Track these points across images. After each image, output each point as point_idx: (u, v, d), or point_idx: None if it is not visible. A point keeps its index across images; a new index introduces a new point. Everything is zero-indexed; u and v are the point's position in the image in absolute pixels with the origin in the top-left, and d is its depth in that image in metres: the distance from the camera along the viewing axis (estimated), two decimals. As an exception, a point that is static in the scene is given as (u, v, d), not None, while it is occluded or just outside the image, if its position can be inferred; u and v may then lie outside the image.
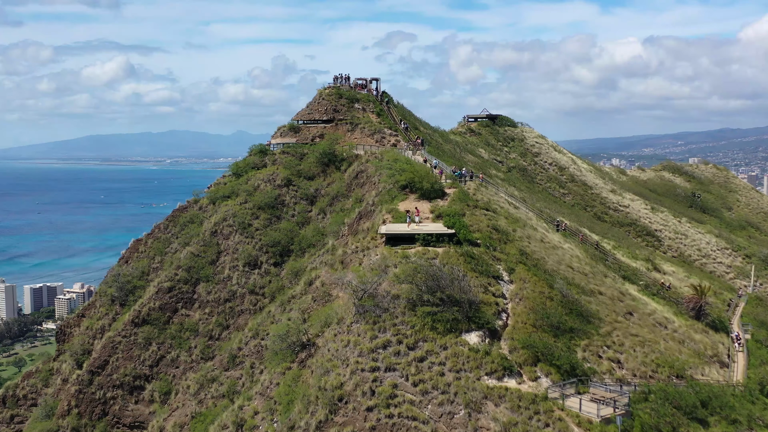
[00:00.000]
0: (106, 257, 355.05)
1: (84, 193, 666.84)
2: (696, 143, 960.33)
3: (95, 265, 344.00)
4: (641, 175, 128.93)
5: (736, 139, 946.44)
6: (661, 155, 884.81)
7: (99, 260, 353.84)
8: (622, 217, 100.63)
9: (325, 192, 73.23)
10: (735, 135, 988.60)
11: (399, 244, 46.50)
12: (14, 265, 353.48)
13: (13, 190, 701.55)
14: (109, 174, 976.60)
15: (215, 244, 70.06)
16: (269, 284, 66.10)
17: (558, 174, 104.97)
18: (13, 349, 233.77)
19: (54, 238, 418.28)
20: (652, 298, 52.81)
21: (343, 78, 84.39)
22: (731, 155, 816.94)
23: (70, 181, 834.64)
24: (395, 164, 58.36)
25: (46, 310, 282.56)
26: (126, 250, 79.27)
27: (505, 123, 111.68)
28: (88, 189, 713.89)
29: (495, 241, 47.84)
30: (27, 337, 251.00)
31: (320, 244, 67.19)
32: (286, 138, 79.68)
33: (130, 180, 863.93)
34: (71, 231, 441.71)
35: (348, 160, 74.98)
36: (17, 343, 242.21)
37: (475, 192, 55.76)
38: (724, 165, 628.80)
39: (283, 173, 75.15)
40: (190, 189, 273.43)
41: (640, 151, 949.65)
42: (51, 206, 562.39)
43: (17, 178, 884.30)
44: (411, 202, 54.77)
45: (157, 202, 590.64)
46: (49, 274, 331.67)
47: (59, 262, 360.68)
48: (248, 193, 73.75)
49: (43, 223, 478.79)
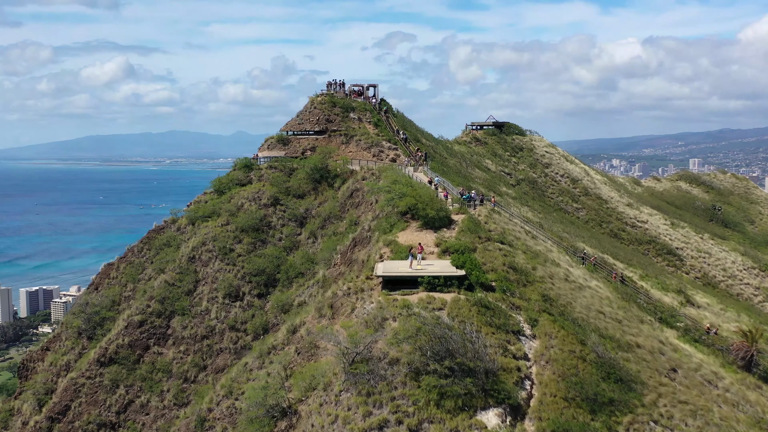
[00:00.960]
0: (107, 259, 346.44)
1: (83, 194, 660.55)
2: (696, 144, 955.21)
3: (95, 268, 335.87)
4: (657, 186, 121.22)
5: (736, 139, 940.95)
6: (662, 156, 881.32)
7: (100, 262, 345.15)
8: (641, 233, 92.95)
9: (316, 212, 65.60)
10: (735, 135, 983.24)
11: (399, 288, 38.92)
12: (13, 267, 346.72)
13: (11, 191, 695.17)
14: (109, 174, 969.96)
15: (192, 271, 62.48)
16: (252, 319, 58.50)
17: (570, 187, 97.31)
18: (8, 354, 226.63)
19: (53, 240, 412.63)
20: (695, 345, 45.19)
21: (337, 84, 76.69)
22: (732, 156, 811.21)
23: (70, 181, 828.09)
24: (394, 186, 50.75)
25: (42, 314, 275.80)
26: (96, 275, 71.72)
27: (512, 131, 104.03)
28: (88, 190, 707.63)
29: (513, 284, 40.21)
30: (22, 342, 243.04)
31: (310, 272, 59.61)
32: (273, 151, 71.99)
33: (130, 180, 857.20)
34: (71, 232, 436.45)
35: (342, 177, 67.37)
36: (12, 348, 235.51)
37: (486, 219, 48.13)
38: (724, 166, 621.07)
39: (270, 191, 67.52)
40: (190, 189, 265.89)
41: (640, 151, 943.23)
42: (50, 207, 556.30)
43: (16, 178, 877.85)
44: (412, 232, 47.17)
45: (157, 203, 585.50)
46: (49, 276, 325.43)
47: (59, 264, 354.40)
48: (231, 213, 66.13)
49: (43, 224, 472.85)
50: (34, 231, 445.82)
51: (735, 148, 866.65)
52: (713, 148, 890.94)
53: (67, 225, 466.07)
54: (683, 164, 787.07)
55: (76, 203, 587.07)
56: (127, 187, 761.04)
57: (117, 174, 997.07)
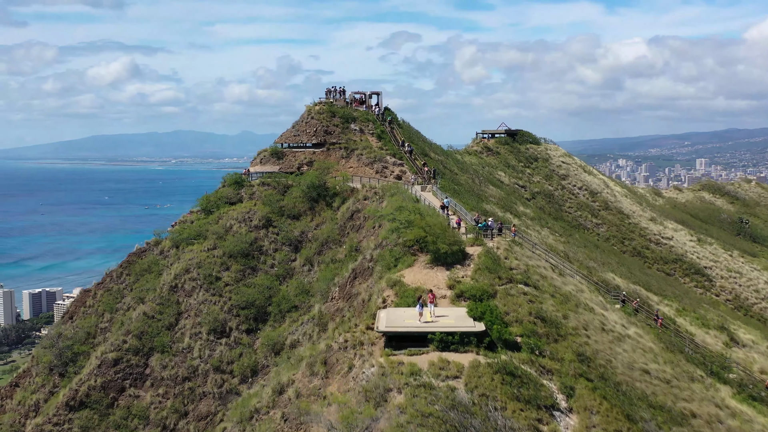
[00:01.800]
0: (113, 260, 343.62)
1: (88, 194, 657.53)
2: (703, 144, 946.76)
3: (100, 269, 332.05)
4: (679, 197, 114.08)
5: (743, 139, 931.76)
6: (668, 156, 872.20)
7: (105, 263, 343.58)
8: (666, 251, 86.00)
9: (312, 236, 58.95)
10: (742, 135, 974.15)
11: (405, 346, 32.31)
12: (19, 268, 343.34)
13: (17, 190, 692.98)
14: (114, 174, 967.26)
15: (174, 302, 55.95)
16: (239, 359, 51.93)
17: (589, 200, 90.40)
18: (10, 357, 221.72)
19: (58, 240, 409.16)
20: (753, 405, 38.40)
21: (337, 91, 69.93)
22: (738, 156, 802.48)
23: (75, 181, 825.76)
24: (400, 214, 44.11)
25: (45, 316, 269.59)
26: (72, 302, 65.30)
27: (526, 140, 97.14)
28: (93, 190, 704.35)
29: (542, 341, 33.52)
30: (25, 344, 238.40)
31: (305, 306, 53.03)
32: (267, 165, 65.36)
33: (135, 180, 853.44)
34: (76, 233, 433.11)
35: (342, 196, 60.73)
36: (15, 351, 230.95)
37: (507, 254, 41.40)
38: (731, 166, 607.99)
39: (262, 211, 60.93)
40: (195, 189, 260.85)
41: (646, 151, 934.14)
42: (56, 207, 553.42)
43: (22, 178, 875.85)
44: (421, 269, 40.51)
45: (162, 204, 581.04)
46: (55, 277, 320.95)
47: (65, 265, 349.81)
48: (218, 236, 59.57)
49: (48, 224, 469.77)
50: (40, 231, 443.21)
51: (742, 148, 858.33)
52: (720, 148, 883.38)
53: (72, 225, 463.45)
54: (690, 164, 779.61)
55: (81, 203, 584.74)
56: (133, 187, 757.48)
57: (122, 174, 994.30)
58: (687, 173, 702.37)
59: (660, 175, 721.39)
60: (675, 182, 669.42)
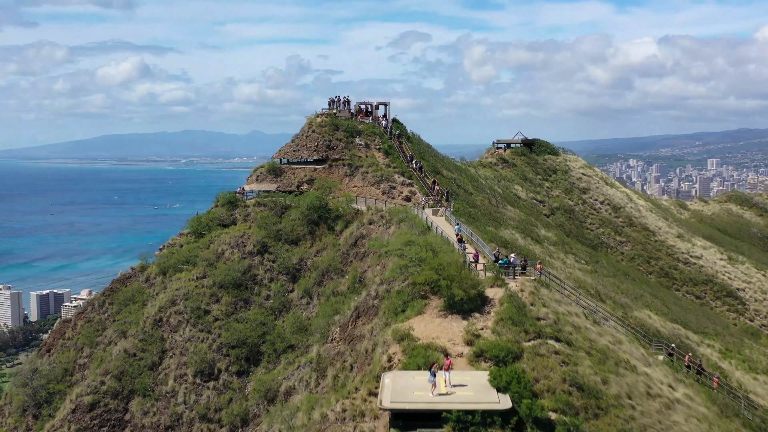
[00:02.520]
0: (124, 261, 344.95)
1: (99, 194, 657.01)
2: (714, 144, 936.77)
3: (110, 270, 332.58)
4: (705, 209, 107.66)
5: (754, 139, 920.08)
6: (679, 156, 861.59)
7: (116, 264, 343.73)
8: (695, 272, 79.76)
9: (312, 264, 53.27)
10: (753, 135, 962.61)
11: (414, 426, 26.66)
12: (30, 269, 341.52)
13: (28, 190, 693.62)
14: (124, 174, 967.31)
15: (159, 338, 50.51)
16: (228, 406, 46.39)
17: (612, 215, 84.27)
18: (17, 359, 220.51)
19: (69, 241, 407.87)
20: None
21: (341, 102, 64.16)
22: (750, 156, 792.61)
23: (85, 181, 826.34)
24: (409, 249, 38.41)
25: (53, 318, 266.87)
26: (50, 334, 60.07)
27: (543, 150, 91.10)
28: (103, 189, 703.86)
29: (580, 418, 27.72)
30: (32, 346, 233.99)
31: (302, 346, 47.44)
32: (263, 183, 59.75)
33: (145, 180, 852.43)
34: (87, 233, 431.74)
35: (345, 218, 55.05)
36: (22, 353, 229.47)
37: (533, 299, 35.58)
38: (743, 166, 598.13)
39: (257, 235, 55.34)
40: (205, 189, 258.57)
41: (657, 151, 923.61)
42: (66, 207, 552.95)
43: (33, 178, 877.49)
44: (433, 318, 34.77)
45: (171, 204, 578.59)
46: (65, 278, 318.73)
47: (76, 266, 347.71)
48: (209, 263, 54.06)
49: (58, 224, 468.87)
50: (50, 231, 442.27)
51: (753, 148, 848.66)
52: (731, 148, 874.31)
53: (83, 225, 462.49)
54: (701, 164, 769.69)
55: (91, 203, 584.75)
56: (142, 186, 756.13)
57: (132, 173, 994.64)
58: (698, 173, 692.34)
59: (671, 175, 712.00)
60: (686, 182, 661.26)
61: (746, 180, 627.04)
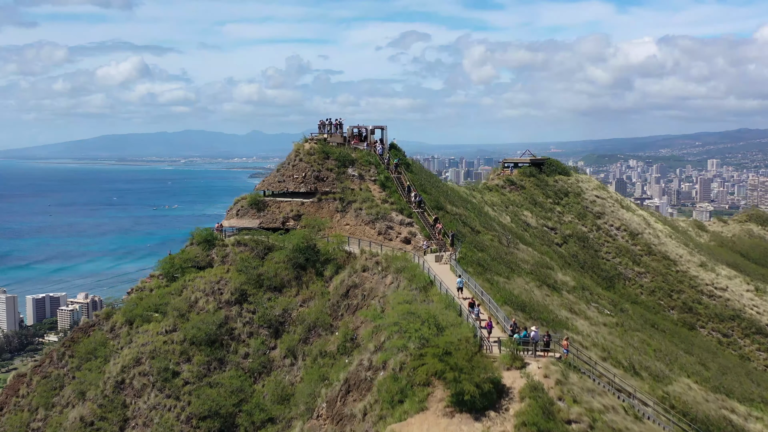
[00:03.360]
0: (122, 262, 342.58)
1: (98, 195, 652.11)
2: (714, 144, 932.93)
3: (109, 272, 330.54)
4: (724, 231, 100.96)
5: (754, 139, 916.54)
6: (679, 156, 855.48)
7: (115, 266, 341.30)
8: (721, 306, 73.05)
9: (297, 316, 46.60)
10: (753, 136, 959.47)
11: None
12: (28, 271, 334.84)
13: (27, 191, 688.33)
14: (124, 174, 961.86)
15: (120, 405, 43.93)
16: (196, 492, 39.83)
17: (629, 243, 77.56)
18: (12, 364, 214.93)
19: (68, 242, 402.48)
20: None
21: (332, 125, 57.38)
22: (750, 156, 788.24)
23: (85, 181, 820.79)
24: (409, 323, 31.74)
25: (49, 322, 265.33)
26: (3, 389, 53.47)
27: (554, 170, 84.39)
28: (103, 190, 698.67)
29: None
30: (27, 351, 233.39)
31: (282, 420, 40.78)
32: (244, 219, 53.03)
33: (145, 180, 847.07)
34: (87, 235, 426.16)
35: (335, 263, 48.34)
36: (17, 357, 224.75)
37: (560, 390, 28.94)
38: (743, 167, 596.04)
39: (236, 280, 48.66)
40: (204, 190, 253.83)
41: (657, 152, 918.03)
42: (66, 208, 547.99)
43: (33, 178, 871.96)
44: (437, 419, 28.16)
45: (170, 205, 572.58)
46: (64, 280, 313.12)
47: (75, 268, 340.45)
48: (180, 313, 47.42)
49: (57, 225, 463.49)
50: (49, 233, 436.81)
51: (753, 149, 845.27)
52: (731, 149, 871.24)
53: (82, 227, 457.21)
54: (701, 165, 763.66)
55: (91, 204, 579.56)
56: (142, 187, 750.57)
57: (132, 173, 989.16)
58: (698, 174, 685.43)
59: (671, 176, 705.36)
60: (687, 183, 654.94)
61: (747, 181, 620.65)
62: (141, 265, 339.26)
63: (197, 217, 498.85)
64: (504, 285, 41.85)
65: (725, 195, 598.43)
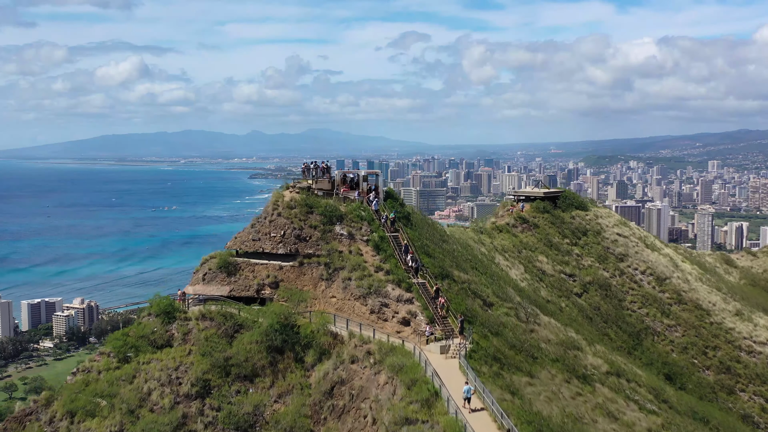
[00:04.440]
0: (119, 266, 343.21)
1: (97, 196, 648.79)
2: (714, 145, 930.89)
3: (107, 275, 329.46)
4: (754, 265, 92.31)
5: (755, 140, 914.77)
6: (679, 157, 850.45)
7: (114, 269, 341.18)
8: (762, 365, 64.54)
9: (271, 416, 37.96)
10: (753, 136, 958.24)
11: None
12: (26, 274, 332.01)
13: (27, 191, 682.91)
14: (123, 175, 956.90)
15: None
16: None
17: (657, 290, 68.95)
18: (6, 371, 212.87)
19: (65, 245, 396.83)
20: None
21: (318, 169, 48.58)
22: (751, 157, 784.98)
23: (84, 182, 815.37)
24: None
25: (44, 327, 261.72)
26: None
27: (570, 204, 75.60)
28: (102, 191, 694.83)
29: None
30: (22, 358, 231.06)
31: None
32: (212, 285, 44.37)
33: (144, 181, 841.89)
34: (86, 236, 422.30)
35: (318, 347, 39.70)
36: (11, 365, 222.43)
37: None
38: (743, 167, 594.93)
39: (199, 366, 40.05)
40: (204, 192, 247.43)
41: (657, 152, 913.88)
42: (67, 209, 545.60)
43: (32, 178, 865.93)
44: None
45: (169, 206, 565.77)
46: (63, 283, 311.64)
47: (72, 272, 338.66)
48: (129, 408, 38.81)
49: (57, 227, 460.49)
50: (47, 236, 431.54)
51: (754, 150, 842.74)
52: (731, 149, 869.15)
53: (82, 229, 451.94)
54: (702, 166, 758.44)
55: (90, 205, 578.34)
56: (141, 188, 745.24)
57: (131, 174, 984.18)
58: (699, 176, 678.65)
59: (672, 177, 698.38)
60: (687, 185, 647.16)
61: (747, 183, 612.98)
62: (141, 268, 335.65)
63: (197, 218, 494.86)
64: (527, 393, 33.21)
65: (726, 197, 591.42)
